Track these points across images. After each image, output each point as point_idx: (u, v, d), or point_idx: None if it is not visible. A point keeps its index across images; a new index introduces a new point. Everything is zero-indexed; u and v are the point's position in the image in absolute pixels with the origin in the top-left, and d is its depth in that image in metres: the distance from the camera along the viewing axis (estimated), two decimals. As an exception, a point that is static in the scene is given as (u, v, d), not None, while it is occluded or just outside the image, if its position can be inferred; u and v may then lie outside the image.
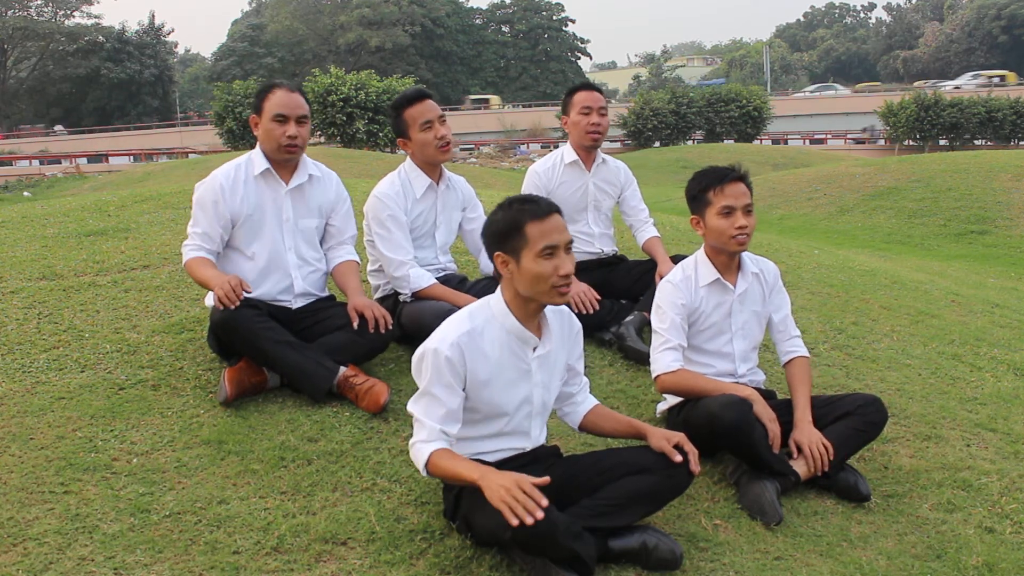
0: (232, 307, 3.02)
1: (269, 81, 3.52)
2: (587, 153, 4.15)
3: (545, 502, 2.17)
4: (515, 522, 2.14)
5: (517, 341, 2.50)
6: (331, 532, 2.53)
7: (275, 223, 3.36)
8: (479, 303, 2.55)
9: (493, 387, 2.47)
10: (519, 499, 2.15)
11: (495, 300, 2.51)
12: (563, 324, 2.65)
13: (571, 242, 2.46)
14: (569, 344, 2.68)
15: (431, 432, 2.40)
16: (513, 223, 2.41)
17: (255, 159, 3.37)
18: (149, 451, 2.84)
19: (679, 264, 3.29)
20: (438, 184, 3.72)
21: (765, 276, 3.27)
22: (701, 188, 3.14)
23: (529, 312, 2.49)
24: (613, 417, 2.79)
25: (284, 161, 3.34)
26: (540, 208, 2.42)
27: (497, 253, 2.45)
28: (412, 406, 2.47)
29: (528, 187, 4.12)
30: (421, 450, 2.39)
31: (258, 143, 3.38)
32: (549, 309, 2.56)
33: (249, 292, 3.12)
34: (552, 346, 2.57)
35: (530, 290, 2.42)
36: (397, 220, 3.58)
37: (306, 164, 3.43)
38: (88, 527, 2.46)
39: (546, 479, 2.24)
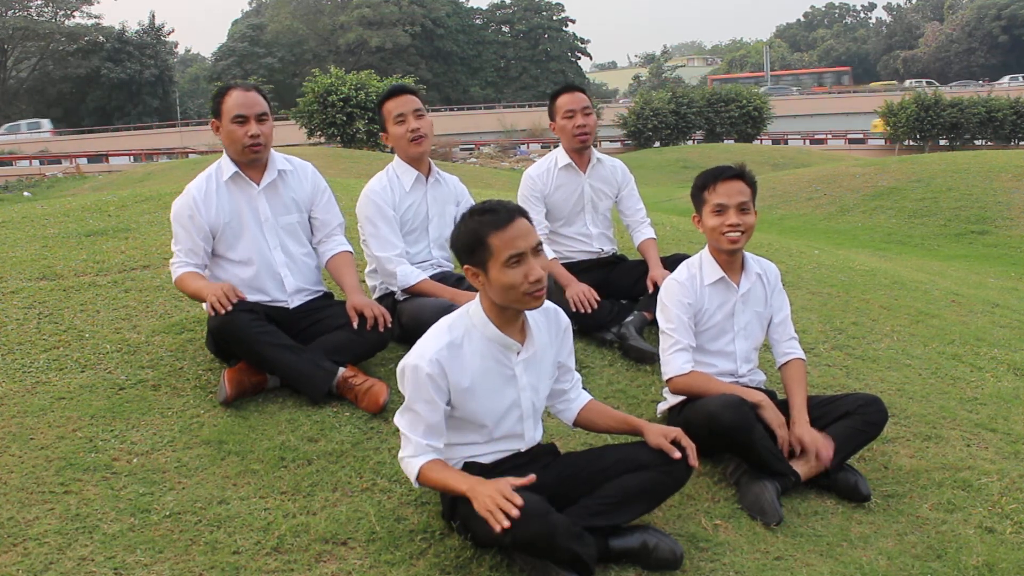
0: (223, 312, 3.01)
1: (224, 84, 3.49)
2: (579, 155, 4.14)
3: (520, 501, 2.17)
4: (497, 528, 2.16)
5: (499, 348, 2.47)
6: (331, 532, 2.53)
7: (255, 225, 3.34)
8: (459, 312, 2.52)
9: (478, 396, 2.45)
10: (500, 505, 2.17)
11: (474, 309, 2.48)
12: (550, 322, 2.62)
13: (539, 244, 2.41)
14: (558, 341, 2.64)
15: (417, 447, 2.41)
16: (475, 236, 2.36)
17: (223, 165, 3.34)
18: (149, 451, 2.84)
19: (684, 263, 3.29)
20: (427, 178, 3.72)
21: (767, 277, 3.27)
22: (699, 186, 3.16)
23: (508, 318, 2.46)
24: (608, 413, 2.76)
25: (250, 161, 3.32)
26: (500, 217, 2.35)
27: (466, 267, 2.42)
28: (398, 419, 2.47)
29: (524, 191, 4.13)
30: (411, 464, 2.41)
31: (223, 149, 3.36)
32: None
33: (243, 298, 3.11)
34: (536, 348, 2.54)
35: (503, 299, 2.40)
36: (384, 215, 3.59)
37: (275, 160, 3.40)
38: (88, 527, 2.46)
39: (530, 478, 2.27)
